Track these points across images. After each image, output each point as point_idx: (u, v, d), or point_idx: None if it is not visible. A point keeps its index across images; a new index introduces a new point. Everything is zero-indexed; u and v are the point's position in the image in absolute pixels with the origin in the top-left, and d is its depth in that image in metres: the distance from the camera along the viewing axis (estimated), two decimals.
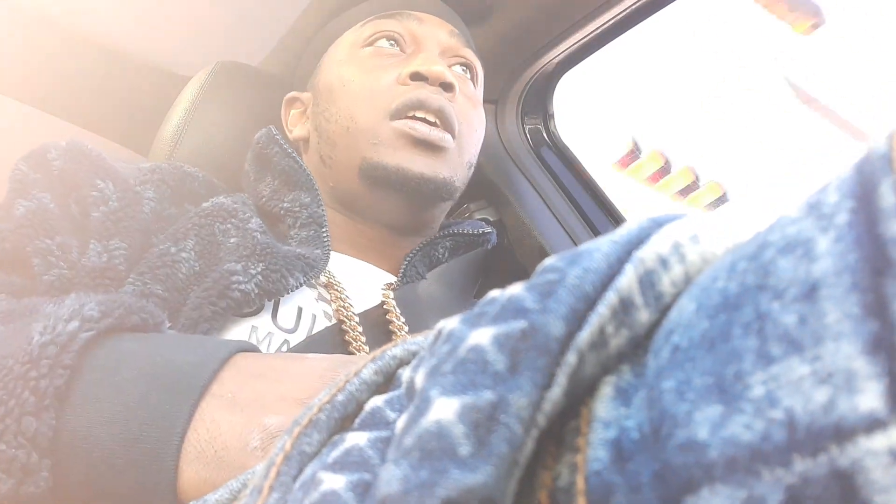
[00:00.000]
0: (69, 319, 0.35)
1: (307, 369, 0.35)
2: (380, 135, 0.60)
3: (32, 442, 0.31)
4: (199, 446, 0.31)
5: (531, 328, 0.16)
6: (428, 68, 0.62)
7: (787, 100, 2.29)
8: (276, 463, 0.21)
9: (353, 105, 0.63)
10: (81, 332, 0.34)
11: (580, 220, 0.79)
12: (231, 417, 0.32)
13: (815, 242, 0.13)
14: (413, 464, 0.15)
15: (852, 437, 0.11)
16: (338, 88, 0.65)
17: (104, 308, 0.36)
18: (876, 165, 0.13)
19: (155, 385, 0.33)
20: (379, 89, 0.62)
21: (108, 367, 0.34)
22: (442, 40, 0.68)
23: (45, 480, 0.31)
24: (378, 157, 0.60)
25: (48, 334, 0.34)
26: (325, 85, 0.67)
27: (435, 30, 0.68)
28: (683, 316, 0.16)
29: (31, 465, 0.31)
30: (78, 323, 0.35)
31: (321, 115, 0.66)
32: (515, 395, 0.15)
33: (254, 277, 0.50)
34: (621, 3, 0.70)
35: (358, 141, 0.61)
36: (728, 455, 0.13)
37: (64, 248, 0.48)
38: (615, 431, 0.15)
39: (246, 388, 0.34)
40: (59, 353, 0.33)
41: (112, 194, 0.52)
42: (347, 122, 0.62)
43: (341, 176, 0.64)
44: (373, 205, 0.63)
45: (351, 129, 0.62)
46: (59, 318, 0.35)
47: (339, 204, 0.65)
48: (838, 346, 0.12)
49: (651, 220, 0.18)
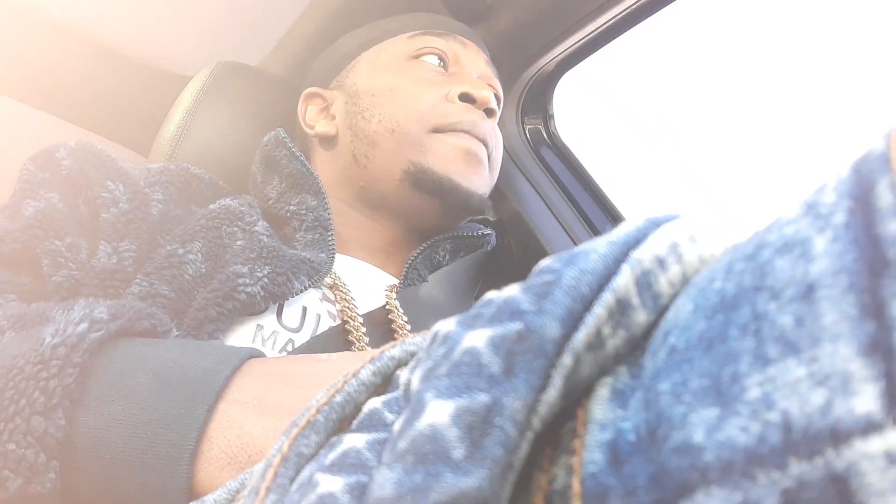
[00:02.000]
0: (79, 322, 0.35)
1: (329, 372, 0.35)
2: (427, 143, 0.63)
3: (41, 442, 0.31)
4: (231, 452, 0.32)
5: (527, 330, 0.16)
6: (479, 92, 0.65)
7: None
8: (274, 464, 0.21)
9: (400, 111, 0.65)
10: (91, 332, 0.35)
11: (580, 220, 0.79)
12: (262, 422, 0.32)
13: (812, 243, 0.13)
14: (407, 467, 0.15)
15: (848, 439, 0.11)
16: (383, 93, 0.66)
17: (114, 311, 0.37)
18: (873, 165, 0.13)
19: (169, 389, 0.33)
20: (427, 101, 0.65)
21: (121, 370, 0.34)
22: (480, 68, 0.71)
23: (52, 481, 0.31)
24: (428, 163, 0.62)
25: (59, 336, 0.34)
26: (366, 87, 0.68)
27: (475, 56, 0.72)
28: (680, 317, 0.15)
29: (39, 465, 0.31)
30: (87, 324, 0.35)
31: (359, 115, 0.67)
32: (510, 398, 0.15)
33: (260, 280, 0.51)
34: (621, 3, 0.70)
35: (403, 145, 0.63)
36: (723, 458, 0.12)
37: (73, 249, 0.48)
38: (611, 433, 0.15)
39: (270, 393, 0.34)
40: (69, 353, 0.33)
41: (122, 196, 0.52)
42: (393, 126, 0.64)
43: (378, 176, 0.65)
44: (409, 207, 0.65)
45: (396, 132, 0.64)
46: (69, 321, 0.35)
47: (364, 204, 0.66)
48: (835, 347, 0.12)
49: (648, 220, 0.18)
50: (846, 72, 1.62)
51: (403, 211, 0.65)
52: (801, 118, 1.66)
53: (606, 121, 1.76)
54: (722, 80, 1.93)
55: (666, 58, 1.88)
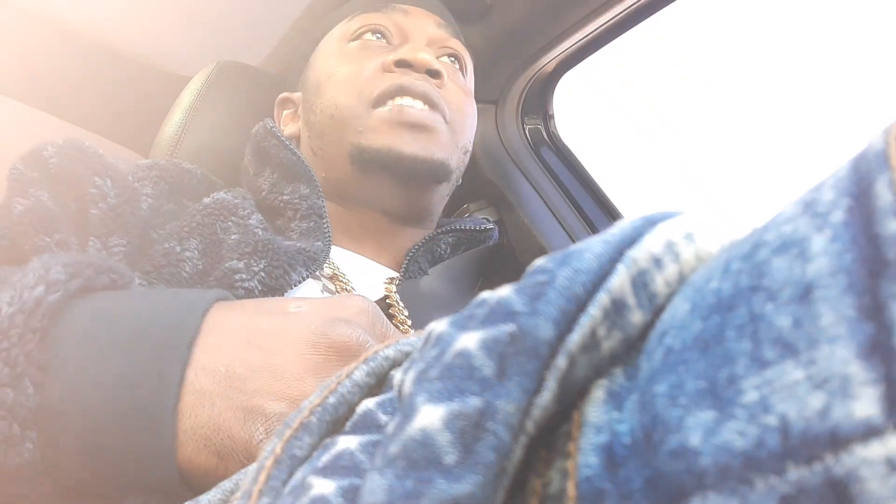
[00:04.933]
0: (34, 286, 0.33)
1: (296, 333, 0.34)
2: (365, 122, 0.61)
3: (12, 413, 0.30)
4: (205, 434, 0.31)
5: (520, 331, 0.15)
6: (413, 55, 0.62)
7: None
8: (266, 467, 0.21)
9: (338, 94, 0.63)
10: (48, 295, 0.33)
11: (580, 220, 0.79)
12: (231, 402, 0.31)
13: (809, 242, 0.13)
14: (398, 473, 0.15)
15: (848, 445, 0.11)
16: (324, 82, 0.66)
17: (71, 270, 0.35)
18: (872, 162, 0.12)
19: (138, 345, 0.32)
20: (362, 77, 0.63)
21: (85, 331, 0.33)
22: (430, 31, 0.69)
23: (31, 452, 0.30)
24: (367, 140, 0.60)
25: (16, 304, 0.32)
26: (313, 80, 0.68)
27: (422, 21, 0.69)
28: (676, 317, 0.15)
29: (14, 436, 0.30)
30: (44, 287, 0.33)
31: (309, 110, 0.67)
32: (503, 402, 0.14)
33: (256, 275, 0.50)
34: (621, 4, 0.70)
35: (344, 128, 0.62)
36: (720, 462, 0.12)
37: (62, 246, 0.48)
38: (607, 436, 0.15)
39: (237, 359, 0.33)
40: (26, 319, 0.32)
41: (110, 191, 0.52)
42: (332, 111, 0.63)
43: (332, 165, 0.64)
44: (367, 191, 0.63)
45: (335, 116, 0.63)
46: (24, 285, 0.33)
47: (334, 194, 0.66)
48: (833, 349, 0.11)
49: (644, 218, 0.18)
50: (846, 71, 1.62)
51: (367, 197, 0.64)
52: (800, 117, 1.65)
53: (606, 121, 1.76)
54: (722, 80, 1.93)
55: (666, 58, 1.88)
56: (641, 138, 1.92)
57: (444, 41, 0.69)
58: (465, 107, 0.67)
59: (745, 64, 1.87)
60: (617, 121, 1.91)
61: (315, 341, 0.33)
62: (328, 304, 0.37)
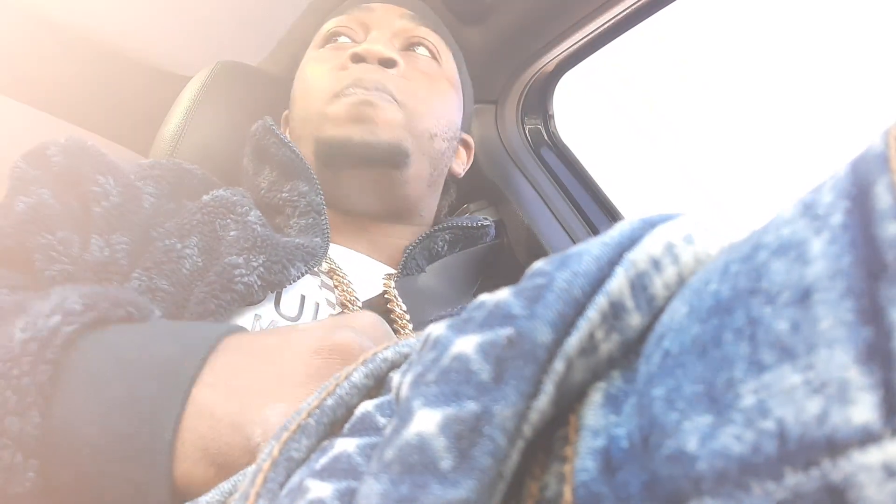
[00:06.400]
0: (50, 314, 0.33)
1: (301, 344, 0.34)
2: (325, 118, 0.62)
3: (17, 442, 0.30)
4: (204, 444, 0.31)
5: (517, 335, 0.15)
6: (363, 48, 0.64)
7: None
8: (264, 469, 0.21)
9: (306, 97, 0.66)
10: (63, 326, 0.33)
11: (580, 220, 0.79)
12: (230, 409, 0.31)
13: (808, 244, 0.13)
14: (393, 478, 0.15)
15: (845, 450, 0.11)
16: (298, 90, 0.68)
17: (88, 301, 0.35)
18: (872, 164, 0.12)
19: (143, 378, 0.32)
20: (325, 77, 0.65)
21: (93, 363, 0.33)
22: (394, 24, 0.70)
23: (32, 481, 0.30)
24: (323, 135, 0.62)
25: (30, 331, 0.32)
26: (294, 91, 0.70)
27: (385, 15, 0.70)
28: (675, 320, 0.15)
29: (17, 465, 0.30)
30: (60, 317, 0.33)
31: (292, 118, 0.70)
32: (500, 406, 0.14)
33: (256, 269, 0.51)
34: (621, 3, 0.69)
35: (310, 127, 0.64)
36: (717, 467, 0.12)
37: (65, 244, 0.48)
38: (604, 440, 0.15)
39: (240, 372, 0.33)
40: (40, 349, 0.32)
41: (113, 189, 0.52)
42: (303, 113, 0.66)
43: (312, 166, 0.65)
44: (338, 188, 0.64)
45: (304, 117, 0.65)
46: (40, 313, 0.33)
47: (325, 196, 0.66)
48: (831, 354, 0.11)
49: (643, 220, 0.18)
50: (846, 71, 1.62)
51: (341, 193, 0.65)
52: (800, 117, 1.65)
53: (606, 121, 1.76)
54: (722, 80, 1.92)
55: (666, 58, 1.87)
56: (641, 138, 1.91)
57: (409, 31, 0.70)
58: (427, 91, 0.67)
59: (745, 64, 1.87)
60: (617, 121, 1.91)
61: (318, 346, 0.34)
62: (338, 317, 0.37)
